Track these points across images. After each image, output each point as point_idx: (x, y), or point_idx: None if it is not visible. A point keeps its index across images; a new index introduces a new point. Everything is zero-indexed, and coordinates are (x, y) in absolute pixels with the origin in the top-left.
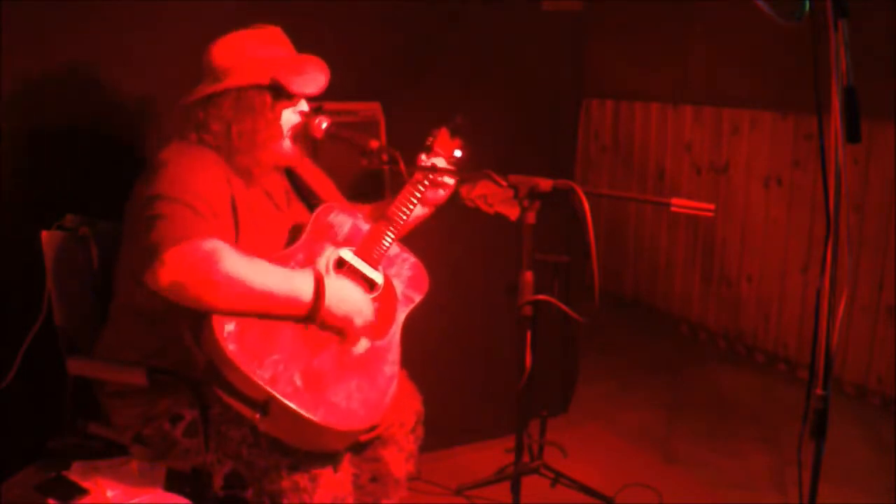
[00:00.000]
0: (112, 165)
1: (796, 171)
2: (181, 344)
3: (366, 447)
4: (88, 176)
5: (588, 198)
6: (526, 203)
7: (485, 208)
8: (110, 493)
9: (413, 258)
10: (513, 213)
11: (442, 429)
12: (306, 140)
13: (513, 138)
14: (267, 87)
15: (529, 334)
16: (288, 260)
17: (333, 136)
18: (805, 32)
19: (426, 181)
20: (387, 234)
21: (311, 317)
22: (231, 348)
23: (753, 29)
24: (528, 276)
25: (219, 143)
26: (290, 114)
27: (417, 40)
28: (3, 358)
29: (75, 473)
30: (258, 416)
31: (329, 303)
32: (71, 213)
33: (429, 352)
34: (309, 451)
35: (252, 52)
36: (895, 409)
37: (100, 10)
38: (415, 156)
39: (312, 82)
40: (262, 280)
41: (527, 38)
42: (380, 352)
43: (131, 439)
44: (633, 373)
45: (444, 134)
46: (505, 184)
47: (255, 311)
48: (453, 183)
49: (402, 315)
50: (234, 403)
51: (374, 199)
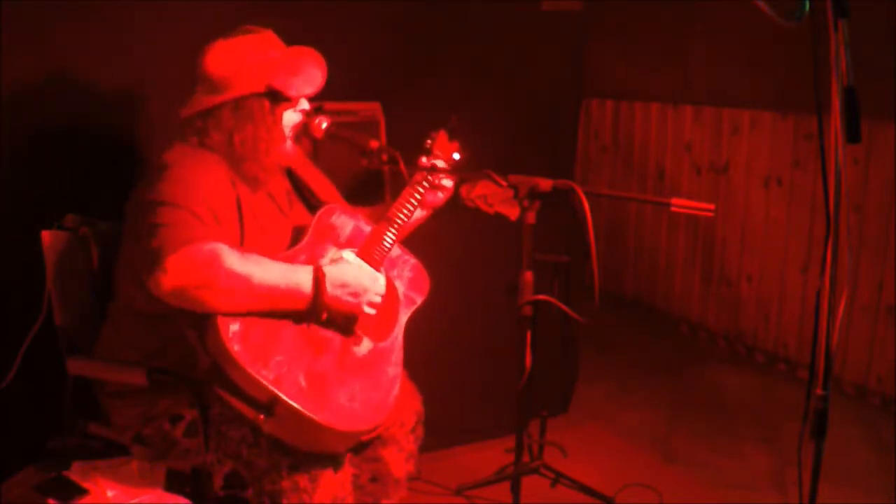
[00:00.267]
0: (112, 165)
1: (796, 171)
2: (181, 344)
3: (366, 447)
4: (88, 176)
5: (588, 198)
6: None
7: (485, 208)
8: (110, 493)
9: (414, 260)
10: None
11: (442, 429)
12: (307, 140)
13: (513, 138)
14: (264, 94)
15: (529, 334)
16: (290, 261)
17: (333, 136)
18: (805, 32)
19: (425, 182)
20: (387, 234)
21: (316, 307)
22: (236, 349)
23: (753, 29)
24: (528, 276)
25: (222, 150)
26: (291, 114)
27: (417, 40)
28: (3, 358)
29: (75, 473)
30: (262, 416)
31: (331, 290)
32: (71, 213)
33: (429, 352)
34: (311, 451)
35: (246, 59)
36: (895, 409)
37: (100, 10)
38: (414, 156)
39: (310, 83)
40: (262, 277)
41: (527, 38)
42: (383, 353)
43: (131, 439)
44: (633, 373)
45: (442, 136)
46: (505, 184)
47: (259, 308)
48: (452, 186)
49: (405, 317)
50: (238, 404)
51: (374, 200)
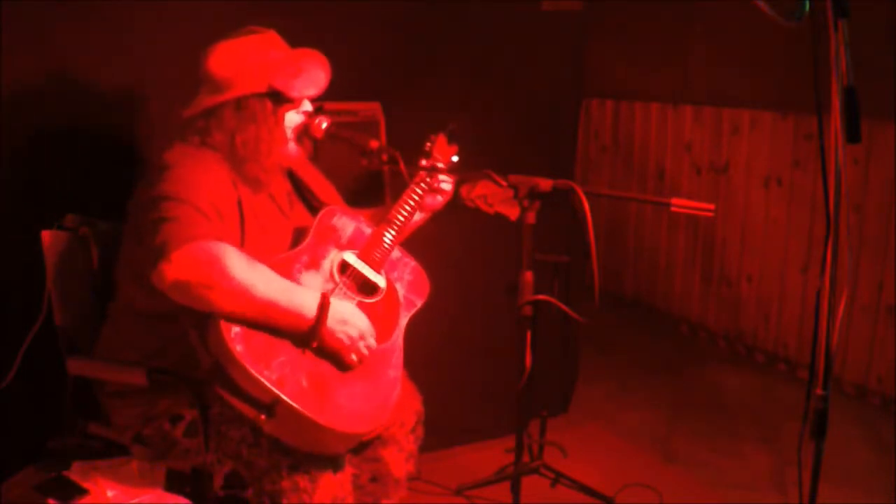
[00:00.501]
0: (112, 165)
1: (796, 171)
2: (181, 344)
3: (366, 447)
4: (88, 176)
5: (588, 198)
6: (526, 203)
7: (485, 208)
8: (110, 493)
9: (414, 262)
10: (513, 213)
11: (442, 429)
12: (309, 140)
13: (513, 138)
14: (266, 94)
15: (529, 334)
16: (292, 262)
17: (333, 136)
18: (805, 32)
19: (424, 184)
20: (387, 235)
21: (312, 334)
22: (239, 349)
23: (753, 29)
24: (528, 276)
25: (223, 150)
26: (293, 115)
27: (417, 40)
28: (3, 358)
29: (75, 473)
30: (263, 417)
31: (331, 323)
32: (71, 213)
33: (429, 352)
34: (311, 452)
35: (249, 60)
36: (895, 409)
37: (100, 10)
38: (414, 156)
39: (312, 83)
40: (266, 288)
41: (527, 38)
42: (383, 355)
43: (131, 439)
44: (633, 373)
45: (441, 140)
46: (505, 184)
47: (256, 318)
48: (451, 190)
49: (405, 319)
50: (239, 404)
51: (374, 200)
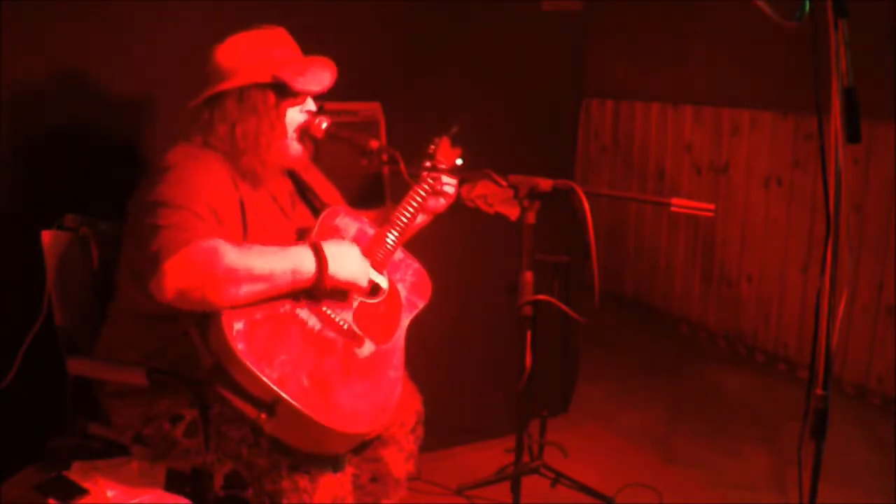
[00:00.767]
0: (112, 165)
1: (796, 171)
2: (181, 344)
3: (366, 447)
4: (88, 176)
5: (588, 198)
6: (526, 203)
7: (485, 208)
8: (110, 493)
9: (416, 264)
10: (513, 213)
11: (442, 429)
12: (310, 140)
13: (513, 138)
14: (270, 85)
15: (529, 334)
16: None
17: (333, 136)
18: (805, 32)
19: (426, 186)
20: (389, 236)
21: (318, 284)
22: (240, 347)
23: (753, 29)
24: (528, 276)
25: (224, 145)
26: (295, 113)
27: (417, 40)
28: (3, 358)
29: (75, 473)
30: (264, 416)
31: (333, 267)
32: (71, 213)
33: (429, 352)
34: (311, 452)
35: (255, 51)
36: (895, 409)
37: (100, 10)
38: (415, 157)
39: (316, 80)
40: (262, 264)
41: (527, 38)
42: (384, 356)
43: (131, 439)
44: (633, 373)
45: (445, 143)
46: (505, 184)
47: (264, 295)
48: (454, 193)
49: (406, 320)
50: (240, 404)
51: (374, 200)
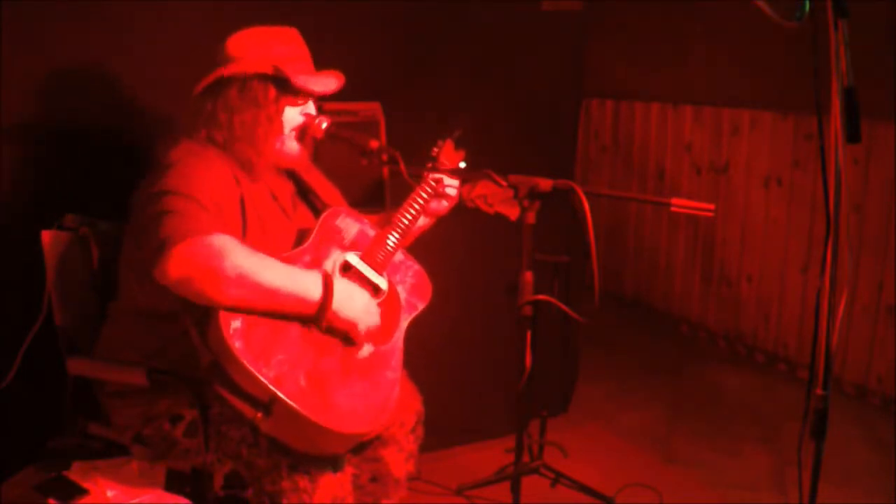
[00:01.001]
0: (112, 165)
1: (796, 171)
2: (181, 344)
3: (366, 447)
4: (88, 176)
5: (588, 198)
6: (526, 203)
7: (485, 208)
8: (110, 493)
9: (417, 266)
10: (513, 213)
11: (442, 429)
12: (310, 140)
13: (513, 138)
14: (271, 77)
15: (529, 334)
16: (295, 261)
17: (333, 136)
18: (805, 32)
19: (428, 188)
20: (390, 237)
21: (318, 317)
22: (237, 345)
23: (753, 29)
24: (528, 276)
25: (223, 134)
26: (294, 113)
27: (417, 40)
28: (3, 358)
29: (75, 473)
30: (260, 415)
31: (336, 305)
32: (71, 213)
33: (429, 352)
34: (308, 453)
35: (261, 43)
36: (895, 409)
37: (100, 10)
38: (414, 156)
39: (318, 81)
40: (269, 277)
41: (527, 38)
42: (383, 357)
43: (131, 439)
44: (633, 373)
45: (448, 146)
46: (505, 184)
47: (261, 308)
48: (456, 195)
49: (406, 321)
50: (237, 402)
51: (374, 200)
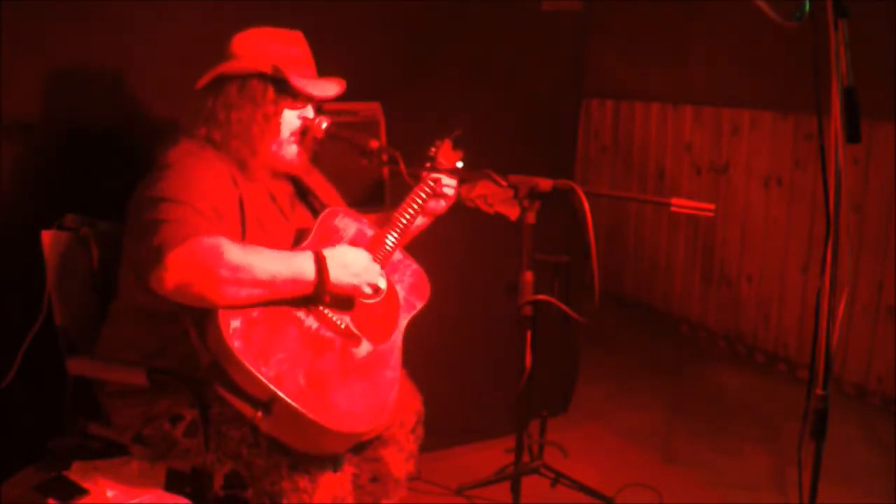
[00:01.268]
0: (112, 165)
1: (796, 171)
2: (181, 344)
3: (366, 447)
4: (88, 176)
5: (588, 198)
6: (526, 203)
7: (485, 208)
8: (110, 493)
9: (415, 265)
10: (513, 213)
11: (442, 429)
12: (310, 141)
13: (513, 138)
14: (270, 78)
15: (529, 334)
16: None
17: (333, 136)
18: (805, 32)
19: (427, 188)
20: (389, 237)
21: (319, 291)
22: (237, 345)
23: (753, 29)
24: (528, 276)
25: (221, 131)
26: (292, 116)
27: (417, 40)
28: (3, 358)
29: (75, 473)
30: (260, 414)
31: (333, 273)
32: (71, 213)
33: (429, 352)
34: (307, 452)
35: (263, 42)
36: (895, 409)
37: (100, 10)
38: (414, 156)
39: (317, 85)
40: (263, 266)
41: (527, 38)
42: (382, 356)
43: (131, 439)
44: (633, 373)
45: (446, 146)
46: (505, 184)
47: (263, 297)
48: (454, 195)
49: (405, 321)
50: (236, 402)
51: (374, 200)
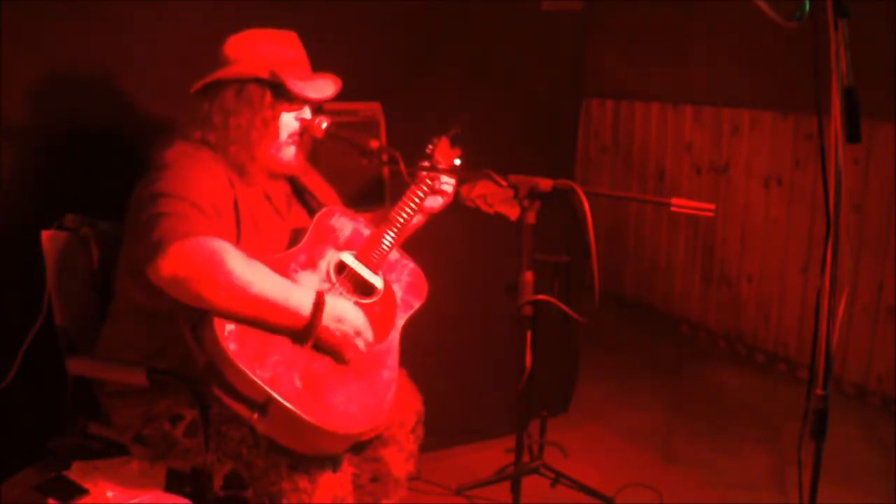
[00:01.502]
0: (112, 165)
1: (796, 171)
2: (181, 344)
3: (366, 447)
4: (88, 176)
5: (588, 198)
6: (526, 203)
7: (485, 208)
8: (110, 494)
9: (412, 264)
10: (513, 213)
11: (442, 429)
12: (309, 140)
13: (513, 138)
14: (267, 82)
15: (529, 334)
16: (289, 261)
17: (333, 136)
18: (805, 32)
19: (425, 186)
20: (386, 236)
21: (307, 332)
22: (232, 348)
23: (753, 29)
24: (528, 276)
25: (218, 136)
26: (290, 118)
27: (417, 40)
28: (3, 358)
29: (75, 473)
30: (256, 416)
31: (326, 321)
32: (71, 213)
33: (429, 352)
34: (304, 453)
35: (258, 46)
36: (895, 409)
37: (100, 10)
38: (415, 157)
39: (314, 87)
40: (262, 286)
41: (527, 38)
42: (379, 356)
43: (131, 439)
44: (633, 373)
45: (444, 143)
46: (505, 184)
47: (252, 316)
48: (451, 192)
49: (402, 321)
50: (233, 404)
51: (374, 200)
